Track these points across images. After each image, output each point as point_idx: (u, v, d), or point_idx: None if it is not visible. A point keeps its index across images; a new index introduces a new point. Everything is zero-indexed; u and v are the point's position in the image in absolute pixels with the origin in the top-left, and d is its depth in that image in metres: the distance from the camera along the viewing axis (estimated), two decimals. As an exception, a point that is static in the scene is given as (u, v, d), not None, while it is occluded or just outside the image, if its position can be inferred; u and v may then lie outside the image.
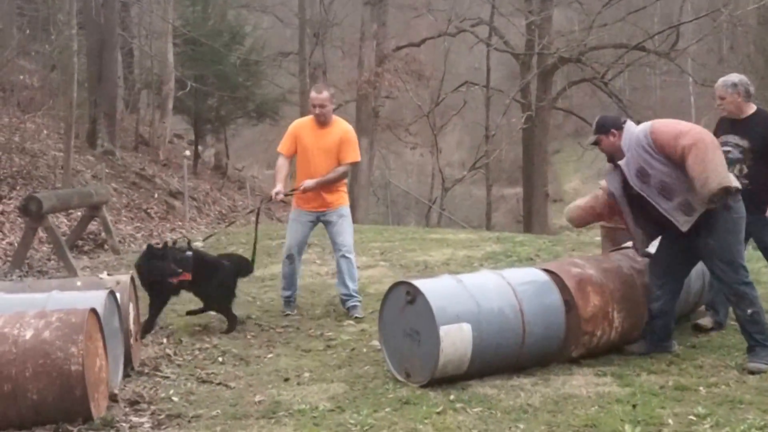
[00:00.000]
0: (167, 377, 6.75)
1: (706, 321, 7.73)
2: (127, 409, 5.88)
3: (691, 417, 5.43)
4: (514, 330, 6.47)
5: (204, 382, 6.64)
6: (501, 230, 21.58)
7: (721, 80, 7.66)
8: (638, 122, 7.05)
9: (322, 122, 8.71)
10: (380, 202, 33.64)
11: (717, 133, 7.29)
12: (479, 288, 6.56)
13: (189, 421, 5.66)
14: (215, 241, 15.12)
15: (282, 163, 8.85)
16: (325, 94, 8.68)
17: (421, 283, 6.49)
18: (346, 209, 8.90)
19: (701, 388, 6.08)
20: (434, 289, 6.43)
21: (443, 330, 6.13)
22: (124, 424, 5.55)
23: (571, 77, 31.82)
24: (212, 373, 6.88)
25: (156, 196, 20.32)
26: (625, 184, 6.86)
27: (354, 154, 8.84)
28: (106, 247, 14.18)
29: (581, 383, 6.28)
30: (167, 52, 24.37)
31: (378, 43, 28.14)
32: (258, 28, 31.06)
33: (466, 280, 6.68)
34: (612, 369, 6.62)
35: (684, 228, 6.58)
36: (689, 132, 6.50)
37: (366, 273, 11.09)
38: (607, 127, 6.93)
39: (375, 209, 33.12)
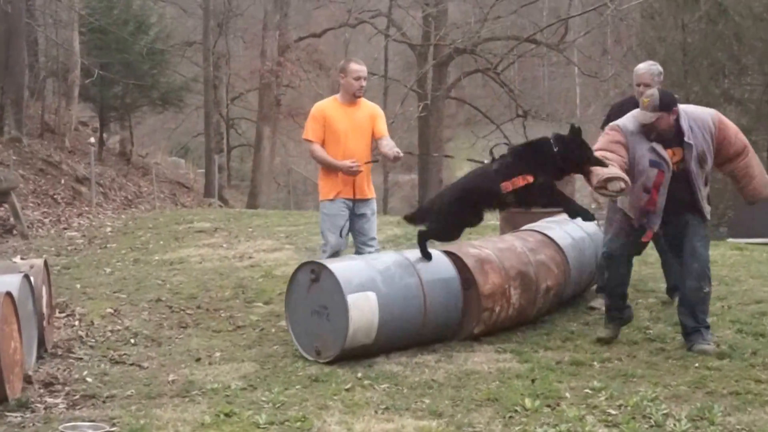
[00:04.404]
0: (80, 359, 6.81)
1: (599, 303, 8.05)
2: (41, 391, 5.92)
3: (587, 390, 5.76)
4: (417, 299, 6.76)
5: (117, 363, 6.72)
6: (397, 215, 21.85)
7: (644, 66, 7.65)
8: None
9: (358, 98, 7.89)
10: (281, 188, 33.69)
11: (613, 120, 7.04)
12: (381, 263, 6.89)
13: (104, 401, 5.72)
14: (122, 225, 15.15)
15: (323, 151, 7.87)
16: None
17: (325, 261, 6.79)
18: (375, 203, 8.23)
19: (595, 363, 6.44)
20: (338, 264, 6.73)
21: (351, 299, 6.38)
22: (39, 405, 5.59)
23: (465, 68, 32.44)
24: (125, 354, 6.96)
25: (63, 182, 20.23)
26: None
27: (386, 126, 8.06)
28: (14, 232, 14.13)
29: (482, 360, 6.58)
30: (73, 41, 24.07)
31: (280, 33, 28.36)
32: (163, 18, 30.83)
33: (369, 258, 7.06)
34: (511, 346, 6.95)
35: (708, 216, 6.76)
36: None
37: (272, 256, 11.30)
38: (672, 105, 6.58)
39: (276, 195, 33.24)
